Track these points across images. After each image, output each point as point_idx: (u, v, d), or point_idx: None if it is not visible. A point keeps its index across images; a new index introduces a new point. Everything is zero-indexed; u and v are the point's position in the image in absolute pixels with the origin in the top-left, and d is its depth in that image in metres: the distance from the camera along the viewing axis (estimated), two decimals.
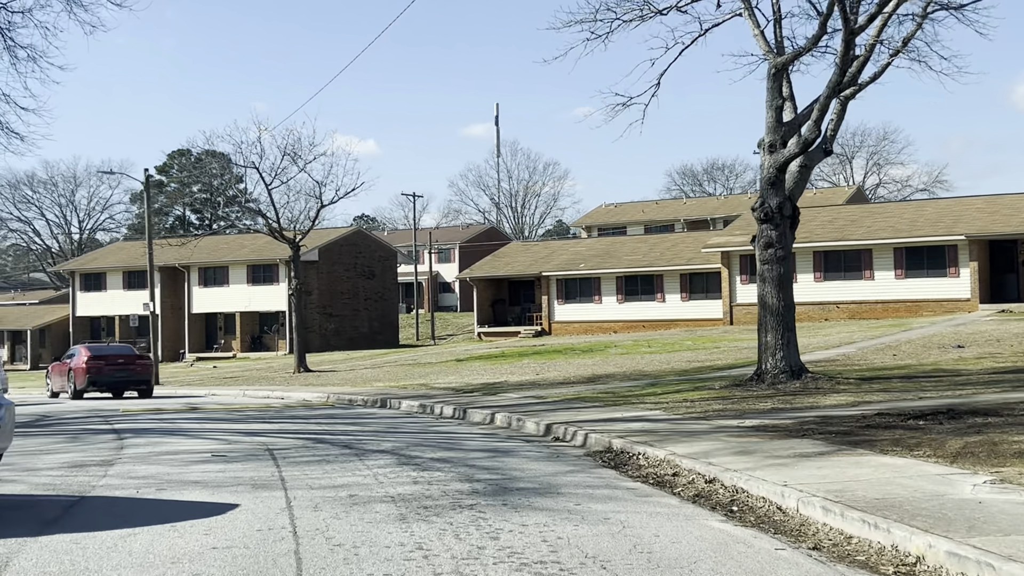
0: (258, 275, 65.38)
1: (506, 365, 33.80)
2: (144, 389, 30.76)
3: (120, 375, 30.07)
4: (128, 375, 30.27)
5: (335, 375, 36.97)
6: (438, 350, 50.38)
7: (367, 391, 26.49)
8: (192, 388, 36.25)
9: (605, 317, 53.06)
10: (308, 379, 35.82)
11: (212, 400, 27.84)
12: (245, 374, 44.24)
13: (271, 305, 64.68)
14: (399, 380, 30.69)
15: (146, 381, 30.90)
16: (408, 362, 41.13)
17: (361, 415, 20.09)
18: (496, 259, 59.67)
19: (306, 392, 28.10)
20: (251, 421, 18.51)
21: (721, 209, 76.68)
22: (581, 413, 16.87)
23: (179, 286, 67.94)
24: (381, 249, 69.52)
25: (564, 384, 24.47)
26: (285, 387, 32.22)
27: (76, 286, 71.15)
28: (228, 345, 66.94)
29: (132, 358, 30.99)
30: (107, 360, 30.11)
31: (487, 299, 58.27)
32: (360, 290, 67.13)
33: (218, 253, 68.44)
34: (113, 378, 29.96)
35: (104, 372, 29.82)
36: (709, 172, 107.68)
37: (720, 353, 31.36)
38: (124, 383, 30.37)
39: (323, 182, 38.80)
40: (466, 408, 19.05)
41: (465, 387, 25.48)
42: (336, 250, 65.65)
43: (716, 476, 10.24)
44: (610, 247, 56.23)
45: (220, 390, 33.31)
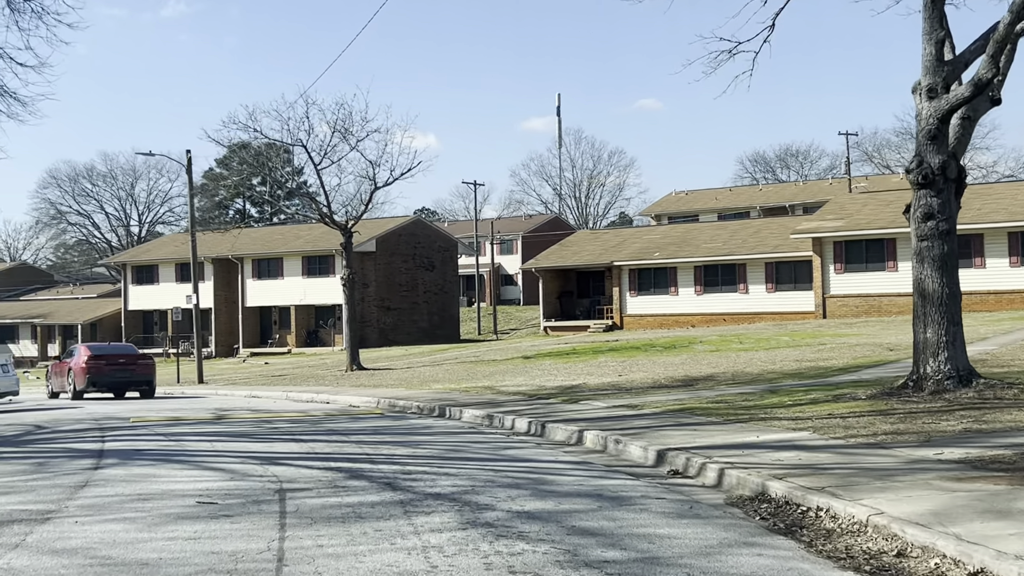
0: (313, 267, 62.10)
1: (580, 364, 29.78)
2: (146, 390, 29.37)
3: (120, 375, 28.74)
4: (129, 375, 28.94)
5: (390, 374, 33.25)
6: (502, 346, 46.48)
7: (424, 395, 22.64)
8: (234, 388, 32.77)
9: (681, 310, 48.77)
10: (360, 378, 32.13)
11: (247, 404, 24.22)
12: (295, 371, 40.76)
13: (327, 298, 61.37)
14: (460, 381, 26.82)
15: (148, 382, 29.37)
16: (470, 359, 37.28)
17: (414, 429, 16.21)
18: (563, 248, 55.62)
19: (354, 395, 24.35)
20: (277, 439, 14.71)
21: (801, 195, 71.81)
22: (698, 433, 12.82)
23: (232, 278, 64.95)
24: (441, 239, 65.85)
25: (657, 388, 20.40)
26: (333, 388, 28.54)
27: (128, 279, 68.55)
28: (283, 340, 63.80)
29: (133, 358, 29.70)
30: (107, 360, 28.78)
31: (553, 291, 54.24)
32: (419, 282, 63.54)
33: (272, 244, 65.32)
34: (113, 378, 28.63)
35: (104, 372, 28.45)
36: (782, 159, 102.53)
37: (829, 351, 27.01)
38: (124, 384, 29.04)
39: (377, 162, 35.09)
40: (544, 422, 15.09)
41: (538, 391, 21.52)
42: (394, 240, 62.12)
43: (985, 566, 6.15)
44: (686, 234, 51.87)
45: (262, 391, 29.76)
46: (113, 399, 29.15)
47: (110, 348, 31.19)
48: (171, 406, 23.69)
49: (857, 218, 44.56)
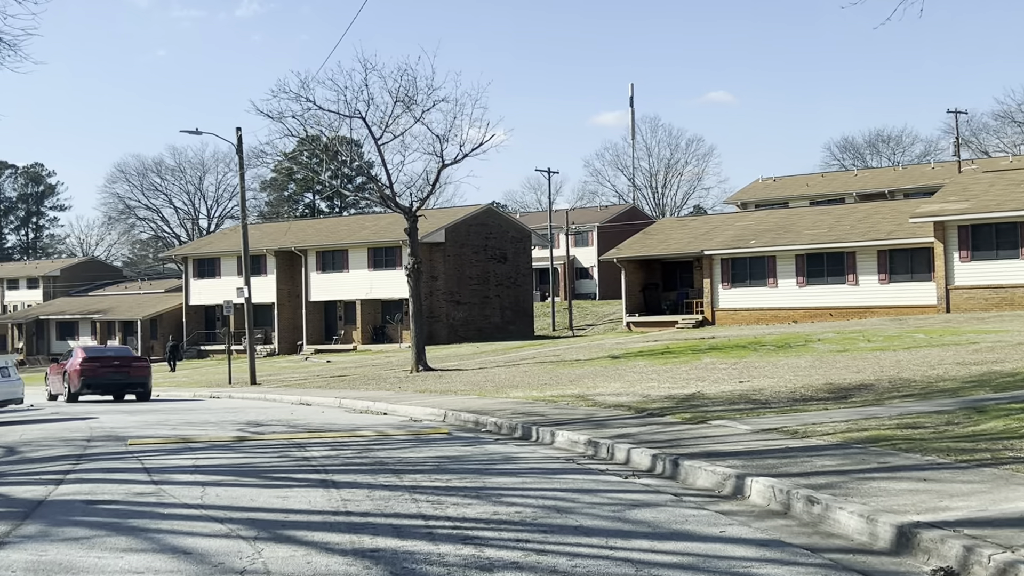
0: (379, 258, 58.17)
1: (682, 366, 25.14)
2: (141, 392, 28.74)
3: (115, 378, 28.34)
4: (124, 378, 28.50)
5: (460, 376, 28.92)
6: (582, 343, 41.91)
7: (501, 406, 18.22)
8: (285, 391, 28.71)
9: (781, 304, 43.73)
10: (426, 381, 27.86)
11: (290, 415, 20.02)
12: (356, 371, 36.68)
13: (393, 292, 57.40)
14: (543, 388, 22.36)
15: (142, 384, 28.74)
16: (550, 359, 32.82)
17: (492, 462, 11.75)
18: (647, 237, 50.83)
19: (418, 404, 20.02)
20: (301, 480, 10.38)
21: (901, 180, 66.00)
22: (930, 484, 8.18)
23: (296, 271, 61.36)
24: (514, 229, 61.46)
25: (802, 402, 15.73)
26: (394, 393, 24.28)
27: (189, 273, 65.39)
28: (348, 336, 60.02)
29: (128, 360, 29.32)
30: (102, 362, 28.45)
31: (637, 284, 49.48)
32: (491, 275, 59.26)
33: (336, 235, 61.58)
34: (108, 380, 28.26)
35: (99, 374, 28.08)
36: (873, 145, 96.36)
37: (989, 352, 22.00)
38: (119, 386, 28.61)
39: (445, 136, 30.72)
40: (676, 457, 10.54)
41: (644, 403, 16.96)
42: (464, 230, 57.91)
43: None
44: (785, 220, 46.72)
45: (315, 395, 25.62)
46: (113, 401, 28.68)
47: (106, 350, 30.70)
48: (197, 418, 19.59)
49: (984, 199, 39.10)
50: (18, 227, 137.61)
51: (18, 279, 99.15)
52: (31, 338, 69.96)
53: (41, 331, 70.01)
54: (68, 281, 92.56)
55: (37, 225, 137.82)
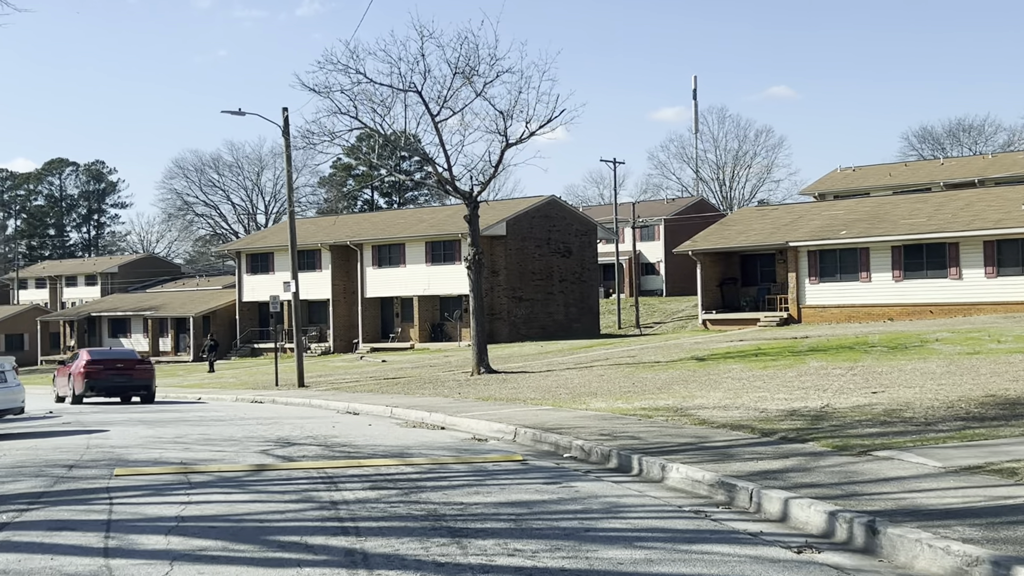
0: (437, 252, 55.06)
1: (786, 371, 21.54)
2: (145, 395, 28.47)
3: (119, 380, 28.11)
4: (127, 380, 28.25)
5: (527, 380, 25.58)
6: (657, 342, 38.34)
7: (582, 422, 14.84)
8: (334, 396, 25.60)
9: (874, 300, 39.75)
10: (489, 386, 24.56)
11: (330, 428, 16.80)
12: (413, 373, 33.54)
13: (452, 288, 54.26)
14: (628, 396, 18.94)
15: (146, 386, 28.41)
16: (624, 360, 29.37)
17: (589, 519, 8.34)
18: (724, 228, 47.04)
19: (480, 415, 16.71)
20: (312, 559, 7.06)
21: (991, 169, 61.29)
22: None
23: (351, 267, 58.52)
24: (578, 222, 57.98)
25: (974, 420, 12.19)
26: (454, 400, 21.01)
27: (242, 268, 62.92)
28: (405, 334, 57.02)
29: (131, 363, 29.06)
30: (106, 364, 28.18)
31: (713, 278, 45.72)
32: (554, 270, 55.84)
33: (393, 228, 58.61)
34: (111, 383, 28.03)
35: (102, 377, 27.83)
36: (953, 134, 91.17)
37: None
38: (123, 388, 28.38)
39: (509, 112, 27.37)
40: (871, 520, 7.06)
41: (762, 420, 13.50)
42: (526, 223, 54.57)
43: None
44: (878, 209, 42.64)
45: (366, 401, 22.45)
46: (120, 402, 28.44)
47: (110, 353, 30.43)
48: (220, 433, 16.47)
49: None
50: (80, 224, 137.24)
51: (76, 276, 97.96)
52: (83, 335, 68.06)
53: (93, 328, 68.10)
54: (126, 278, 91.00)
55: (98, 223, 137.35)
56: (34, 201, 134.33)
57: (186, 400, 30.81)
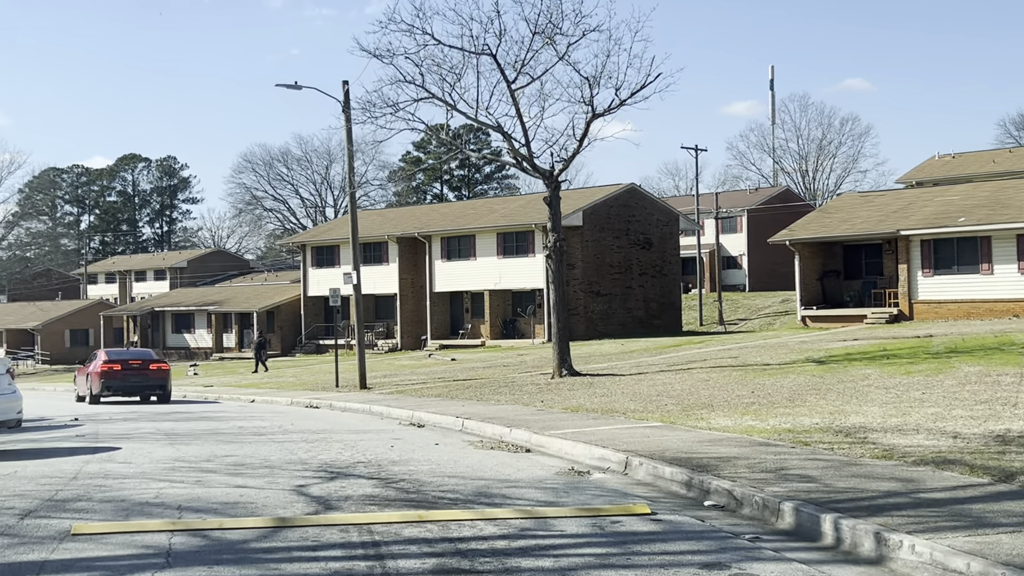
0: (509, 245, 51.58)
1: (934, 376, 17.64)
2: (161, 395, 28.18)
3: (135, 380, 27.85)
4: (143, 380, 27.98)
5: (618, 385, 21.95)
6: (754, 341, 34.41)
7: (712, 448, 11.20)
8: (397, 401, 22.23)
9: (997, 295, 35.30)
10: (574, 391, 20.97)
11: (387, 453, 13.33)
12: (485, 374, 30.12)
13: (525, 281, 50.77)
14: (752, 408, 15.24)
15: (162, 386, 28.15)
16: (726, 362, 25.61)
17: None
18: (825, 216, 42.78)
19: (576, 436, 13.14)
20: None
21: None
22: None
23: (420, 260, 55.32)
24: (659, 212, 54.04)
25: None
26: (536, 412, 17.47)
27: (307, 261, 60.14)
28: (475, 331, 53.66)
29: (148, 362, 28.61)
30: (122, 364, 27.89)
31: (813, 271, 41.49)
32: (633, 263, 52.01)
33: (463, 219, 55.29)
34: (127, 383, 27.81)
35: (118, 377, 27.61)
36: None
37: None
38: (139, 388, 28.15)
39: (596, 77, 23.71)
40: None
41: (969, 449, 9.80)
42: (604, 213, 50.82)
43: None
44: (999, 193, 38.07)
45: (432, 409, 19.02)
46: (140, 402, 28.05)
47: (127, 353, 29.99)
48: (254, 455, 13.12)
49: None
50: (152, 220, 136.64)
51: (145, 271, 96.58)
52: (145, 331, 65.95)
53: (156, 323, 65.98)
54: (194, 272, 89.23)
55: (170, 218, 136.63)
56: (108, 197, 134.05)
57: (238, 401, 27.79)
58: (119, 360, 28.19)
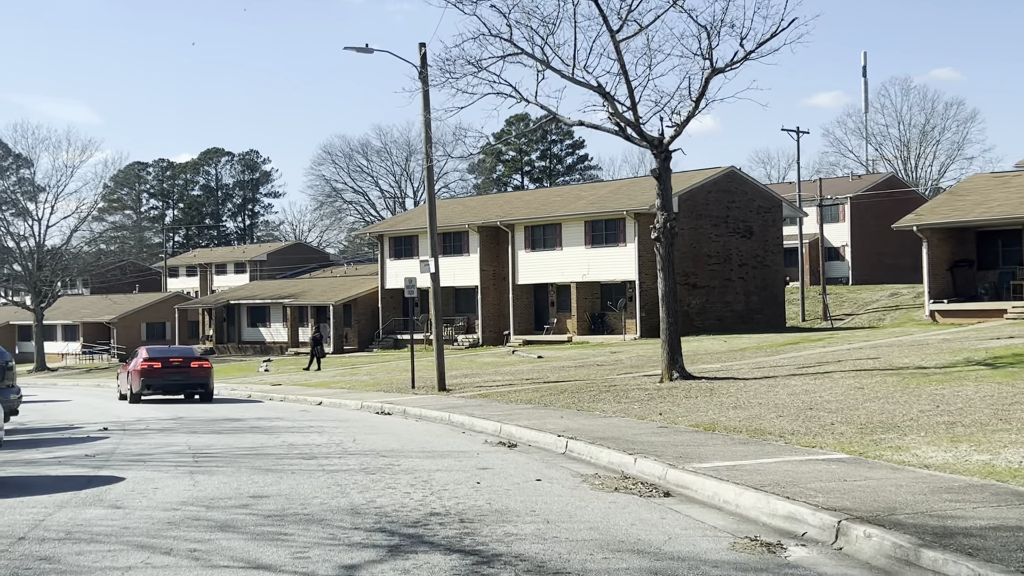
0: (598, 234, 47.69)
1: None
2: (203, 393, 26.72)
3: (175, 378, 26.40)
4: (184, 378, 26.51)
5: (745, 392, 17.99)
6: (885, 339, 30.02)
7: (959, 503, 7.25)
8: (481, 409, 18.59)
9: None
10: (694, 400, 17.07)
11: (473, 496, 9.62)
12: (578, 374, 26.39)
13: (615, 273, 46.87)
14: (956, 429, 11.21)
15: (203, 384, 26.68)
16: (866, 363, 21.47)
17: None
18: (955, 198, 38.00)
19: (730, 474, 9.29)
20: None
21: None
22: None
23: (502, 250, 51.75)
24: (761, 198, 49.62)
25: None
26: (659, 430, 13.65)
27: (385, 252, 57.01)
28: (561, 325, 49.89)
29: (189, 360, 26.99)
30: (162, 362, 26.44)
31: (942, 260, 36.74)
32: (733, 253, 47.73)
33: (548, 207, 51.53)
34: (167, 381, 26.37)
35: (159, 375, 26.16)
36: None
37: None
38: (179, 386, 26.73)
39: (715, 26, 19.73)
40: None
41: None
42: (701, 199, 46.64)
43: None
44: None
45: (524, 424, 15.34)
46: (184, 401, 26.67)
47: (168, 350, 28.08)
48: (295, 490, 9.53)
49: None
50: (235, 214, 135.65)
51: (226, 264, 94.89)
52: (221, 324, 63.61)
53: (232, 317, 63.58)
54: (274, 265, 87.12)
55: (252, 212, 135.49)
56: (191, 191, 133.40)
57: (302, 404, 24.49)
58: (159, 358, 26.81)
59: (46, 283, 61.87)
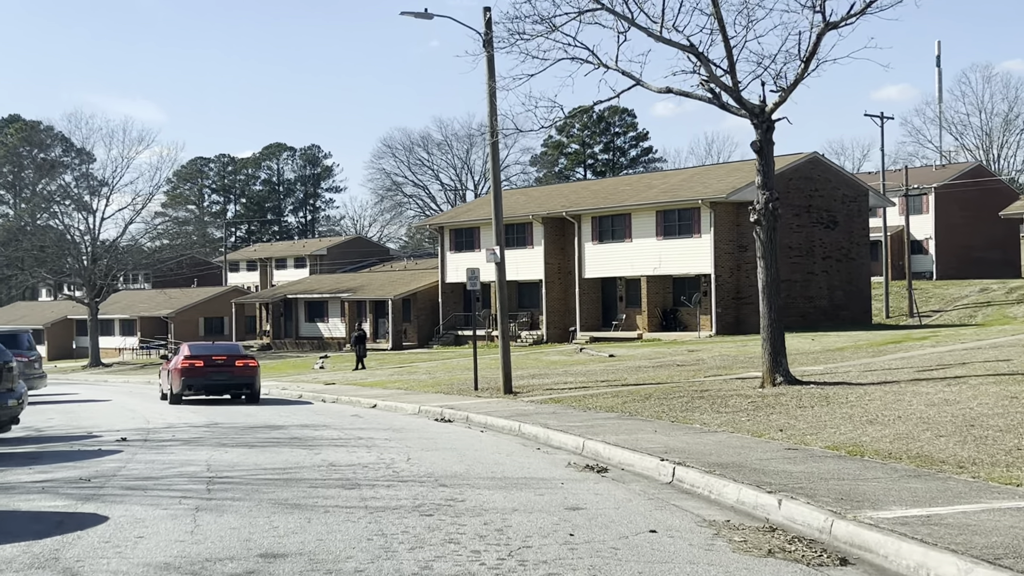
0: (670, 224, 44.71)
1: None
2: (249, 394, 24.58)
3: (218, 378, 24.26)
4: (228, 378, 24.36)
5: (872, 401, 15.04)
6: (999, 338, 26.72)
7: None
8: (554, 419, 15.88)
9: None
10: (815, 412, 14.17)
11: (554, 557, 6.95)
12: (660, 376, 23.59)
13: (689, 266, 43.92)
14: None
15: (248, 385, 24.47)
16: (998, 367, 18.39)
17: None
18: None
19: (932, 534, 6.46)
20: None
21: None
22: None
23: (567, 242, 49.02)
24: (845, 186, 46.21)
25: None
26: (791, 455, 10.83)
27: (445, 245, 54.58)
28: (631, 322, 47.01)
29: (233, 358, 24.84)
30: (204, 360, 24.34)
31: None
32: (816, 245, 44.43)
33: (616, 197, 48.65)
34: (210, 381, 24.21)
35: (200, 374, 24.07)
36: None
37: None
38: (222, 387, 24.46)
39: None
40: None
41: None
42: (782, 186, 43.09)
43: None
44: None
45: (611, 440, 12.63)
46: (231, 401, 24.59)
47: (211, 348, 25.86)
48: (318, 550, 6.91)
49: None
50: (296, 208, 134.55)
51: (286, 258, 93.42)
52: (277, 319, 61.69)
53: (289, 312, 61.64)
54: (334, 260, 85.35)
55: (314, 207, 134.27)
56: (253, 186, 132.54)
57: (355, 406, 22.00)
58: (202, 356, 24.63)
59: (101, 276, 60.46)
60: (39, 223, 66.25)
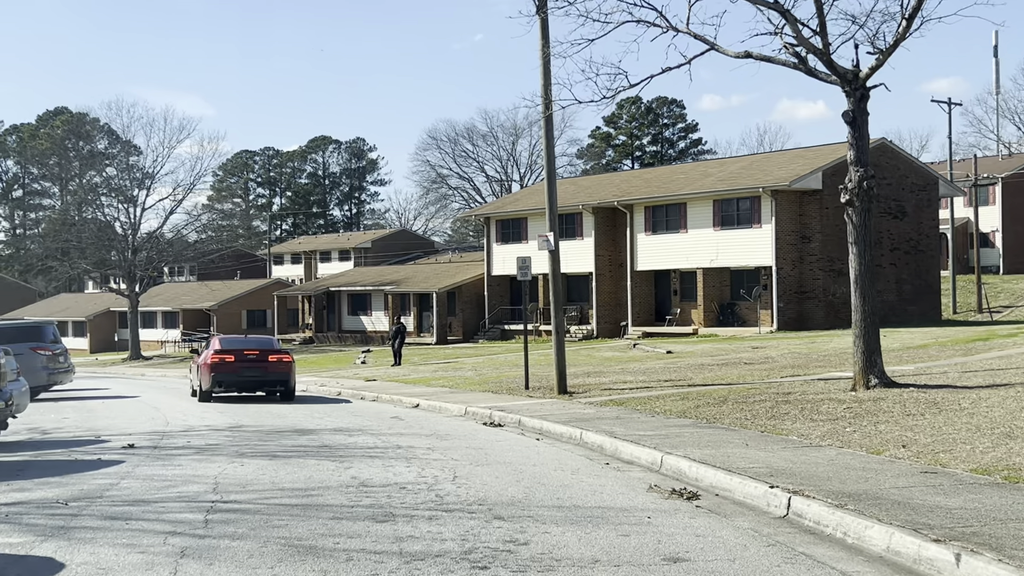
0: (728, 214, 42.31)
1: None
2: (284, 391, 22.63)
3: (250, 374, 22.44)
4: (260, 375, 22.54)
5: (987, 407, 12.76)
6: None
7: None
8: (620, 426, 13.77)
9: None
10: (927, 419, 11.93)
11: None
12: (728, 375, 21.41)
13: (748, 258, 41.52)
14: None
15: (283, 382, 22.57)
16: None
17: None
18: None
19: None
20: None
21: None
22: None
23: (619, 234, 46.78)
24: (914, 174, 43.49)
25: None
26: (934, 483, 8.63)
27: (491, 236, 52.55)
28: (685, 316, 44.68)
29: (266, 353, 23.04)
30: (235, 355, 22.52)
31: None
32: (883, 236, 41.80)
33: (671, 186, 46.30)
34: (241, 377, 22.41)
35: (231, 370, 22.21)
36: None
37: None
38: (254, 383, 22.76)
39: None
40: None
41: None
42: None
43: None
44: None
45: (693, 456, 10.54)
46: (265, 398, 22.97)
47: (243, 342, 24.84)
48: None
49: None
50: (341, 202, 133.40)
51: (330, 251, 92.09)
52: (320, 312, 60.09)
53: (332, 304, 60.02)
54: (379, 252, 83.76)
55: (359, 200, 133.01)
56: (298, 179, 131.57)
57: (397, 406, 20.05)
58: (233, 350, 22.87)
59: (142, 268, 59.23)
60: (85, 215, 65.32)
